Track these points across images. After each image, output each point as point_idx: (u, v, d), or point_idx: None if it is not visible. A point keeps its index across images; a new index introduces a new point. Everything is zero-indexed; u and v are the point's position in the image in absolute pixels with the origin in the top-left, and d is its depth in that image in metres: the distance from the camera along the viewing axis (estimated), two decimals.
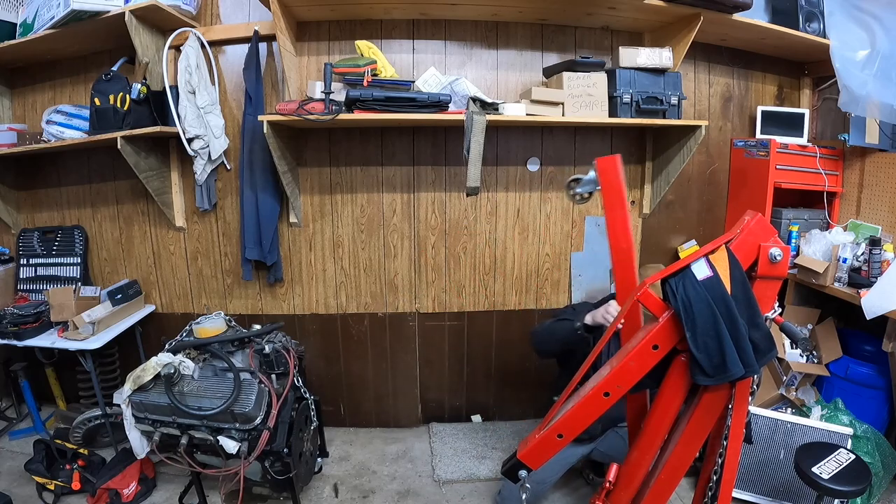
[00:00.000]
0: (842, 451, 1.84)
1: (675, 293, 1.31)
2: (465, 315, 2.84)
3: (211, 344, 2.06)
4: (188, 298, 2.80)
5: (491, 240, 2.78)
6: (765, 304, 1.36)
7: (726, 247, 1.35)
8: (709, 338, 1.28)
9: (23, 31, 2.40)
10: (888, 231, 2.44)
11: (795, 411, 2.37)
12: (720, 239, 1.38)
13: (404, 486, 2.44)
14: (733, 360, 1.27)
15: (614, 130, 2.74)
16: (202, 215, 2.69)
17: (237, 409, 1.94)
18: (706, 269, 1.32)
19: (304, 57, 2.53)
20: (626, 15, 2.45)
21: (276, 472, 2.05)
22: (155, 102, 2.36)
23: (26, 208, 2.80)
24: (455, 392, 2.93)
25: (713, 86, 2.83)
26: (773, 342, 1.33)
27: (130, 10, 2.18)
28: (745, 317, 1.30)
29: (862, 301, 2.14)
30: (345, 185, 2.67)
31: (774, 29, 2.45)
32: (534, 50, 2.63)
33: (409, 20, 2.53)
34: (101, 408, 2.44)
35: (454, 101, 2.32)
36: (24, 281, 2.71)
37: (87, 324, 2.34)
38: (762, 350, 1.30)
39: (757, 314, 1.33)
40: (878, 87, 2.34)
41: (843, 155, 2.70)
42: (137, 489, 2.27)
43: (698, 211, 2.91)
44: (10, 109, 2.70)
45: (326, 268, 2.75)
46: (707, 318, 1.28)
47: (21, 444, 2.66)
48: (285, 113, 2.15)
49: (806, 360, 2.52)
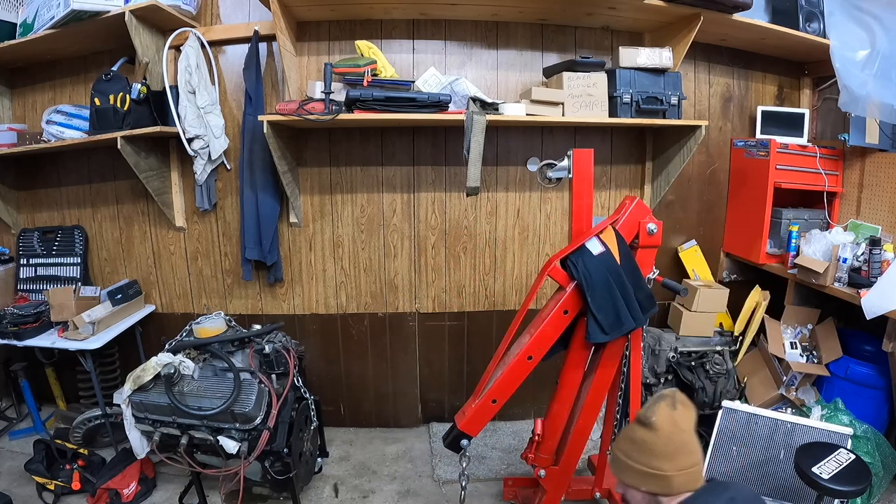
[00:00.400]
0: (842, 451, 1.84)
1: (577, 267, 1.59)
2: (465, 315, 2.84)
3: (211, 344, 2.06)
4: (188, 298, 2.80)
5: (491, 240, 2.78)
6: (646, 268, 1.72)
7: (613, 227, 1.66)
8: (605, 301, 1.57)
9: (23, 31, 2.40)
10: (888, 231, 2.44)
11: (795, 411, 2.37)
12: (607, 221, 1.70)
13: (404, 486, 2.44)
14: (626, 317, 1.59)
15: (614, 130, 2.74)
16: (202, 215, 2.69)
17: (237, 409, 1.94)
18: (599, 246, 1.61)
19: (304, 57, 2.53)
20: (626, 15, 2.45)
21: (276, 472, 2.05)
22: (155, 102, 2.36)
23: (26, 208, 2.80)
24: (455, 392, 2.93)
25: (713, 86, 2.83)
26: (654, 300, 1.72)
27: (130, 10, 2.18)
28: (631, 281, 1.61)
29: (862, 301, 2.14)
30: (345, 185, 2.67)
31: (774, 29, 2.45)
32: (534, 50, 2.63)
33: (409, 20, 2.53)
34: (101, 408, 2.44)
35: (454, 101, 2.32)
36: (24, 281, 2.71)
37: (87, 324, 2.34)
38: (646, 307, 1.66)
39: (640, 278, 1.67)
40: (878, 87, 2.34)
41: (843, 155, 2.70)
42: (137, 489, 2.27)
43: (698, 211, 2.91)
44: (10, 109, 2.70)
45: (326, 268, 2.75)
46: (603, 285, 1.58)
47: (21, 444, 2.66)
48: (285, 113, 2.15)
49: (806, 359, 2.52)
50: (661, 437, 1.14)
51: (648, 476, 1.15)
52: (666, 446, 1.14)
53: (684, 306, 2.63)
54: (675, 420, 1.14)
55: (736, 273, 2.94)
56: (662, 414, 1.15)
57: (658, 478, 1.14)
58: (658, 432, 1.14)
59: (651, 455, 1.15)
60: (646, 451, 1.16)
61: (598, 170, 2.73)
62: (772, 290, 2.67)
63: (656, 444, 1.14)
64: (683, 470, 1.13)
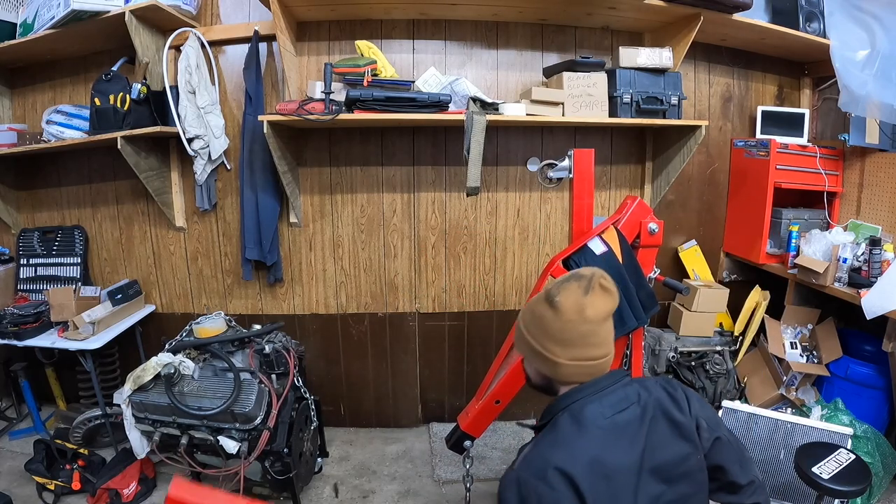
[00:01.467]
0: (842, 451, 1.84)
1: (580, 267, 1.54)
2: (465, 315, 2.84)
3: (211, 344, 2.07)
4: (188, 298, 2.80)
5: (491, 240, 2.78)
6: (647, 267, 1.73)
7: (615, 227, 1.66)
8: None
9: (23, 31, 2.40)
10: (888, 231, 2.44)
11: (795, 411, 2.37)
12: (609, 220, 1.70)
13: (404, 486, 2.44)
14: (628, 316, 1.58)
15: (614, 130, 2.74)
16: (202, 215, 2.69)
17: (237, 409, 1.94)
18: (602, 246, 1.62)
19: (304, 57, 2.53)
20: (626, 15, 2.45)
21: (276, 472, 2.05)
22: (155, 102, 2.36)
23: (26, 208, 2.80)
24: (455, 392, 2.93)
25: (713, 86, 2.83)
26: (656, 298, 1.72)
27: (130, 10, 2.18)
28: (633, 281, 1.61)
29: (862, 301, 2.14)
30: (345, 185, 2.67)
31: (774, 29, 2.45)
32: (534, 50, 2.63)
33: (409, 20, 2.53)
34: (101, 408, 2.44)
35: (454, 101, 2.32)
36: (24, 281, 2.71)
37: (87, 324, 2.34)
38: (648, 306, 1.66)
39: (642, 277, 1.66)
40: (878, 87, 2.34)
41: (843, 155, 2.70)
42: (137, 489, 2.27)
43: (698, 211, 2.91)
44: (10, 109, 2.70)
45: (326, 268, 2.75)
46: None
47: (21, 444, 2.66)
48: (285, 113, 2.15)
49: (806, 359, 2.52)
50: (559, 319, 1.01)
51: (539, 355, 1.05)
52: (562, 331, 1.02)
53: (684, 306, 2.63)
54: (582, 307, 1.00)
55: (736, 273, 2.94)
56: (570, 295, 1.01)
57: (547, 361, 1.04)
58: (558, 313, 1.01)
59: (545, 334, 1.04)
60: (541, 327, 1.04)
61: (598, 170, 2.72)
62: (772, 290, 2.67)
63: (552, 326, 1.02)
64: (576, 361, 1.02)
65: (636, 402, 1.03)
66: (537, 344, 1.05)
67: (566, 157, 1.79)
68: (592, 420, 0.99)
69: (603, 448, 0.97)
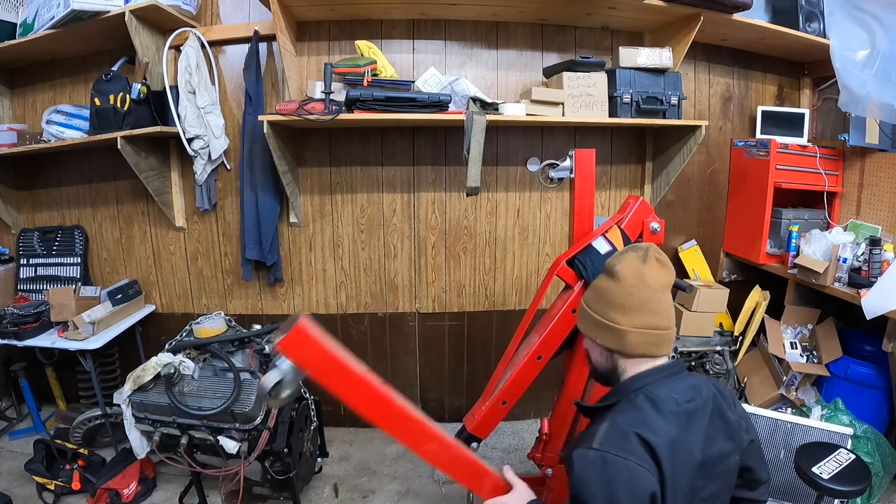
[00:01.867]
0: (842, 451, 1.84)
1: (585, 266, 1.58)
2: (465, 315, 2.84)
3: (211, 344, 2.06)
4: (188, 298, 2.80)
5: (491, 240, 2.78)
6: None
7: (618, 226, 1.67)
8: None
9: (23, 31, 2.40)
10: (888, 231, 2.44)
11: (795, 411, 2.37)
12: (612, 220, 1.70)
13: (404, 486, 2.44)
14: None
15: (614, 130, 2.74)
16: (202, 215, 2.69)
17: (237, 409, 1.94)
18: (606, 245, 1.62)
19: (304, 57, 2.53)
20: (626, 15, 2.45)
21: (276, 472, 2.05)
22: (155, 102, 2.36)
23: (26, 208, 2.80)
24: (455, 392, 2.93)
25: (713, 86, 2.83)
26: None
27: (130, 10, 2.18)
28: None
29: (862, 301, 2.13)
30: (345, 185, 2.67)
31: (774, 29, 2.45)
32: (534, 50, 2.63)
33: (409, 20, 2.53)
34: (101, 408, 2.44)
35: (454, 101, 2.32)
36: (24, 281, 2.71)
37: (87, 324, 2.34)
38: None
39: None
40: (878, 87, 2.33)
41: (843, 155, 2.70)
42: (137, 489, 2.27)
43: (698, 211, 2.91)
44: (10, 109, 2.70)
45: (326, 268, 2.75)
46: None
47: (21, 444, 2.66)
48: (285, 113, 2.15)
49: (806, 359, 2.52)
50: (621, 287, 1.05)
51: (603, 327, 1.07)
52: (624, 298, 1.04)
53: (684, 306, 2.63)
54: (641, 273, 1.04)
55: (736, 273, 2.94)
56: (629, 264, 1.06)
57: (612, 330, 1.06)
58: (619, 282, 1.05)
59: (608, 304, 1.07)
60: (604, 299, 1.08)
61: (598, 170, 2.71)
62: (772, 290, 2.67)
63: (615, 294, 1.06)
64: (639, 329, 1.04)
65: (700, 393, 1.04)
66: (602, 317, 1.07)
67: (567, 157, 1.79)
68: (667, 403, 1.00)
69: (679, 431, 0.98)
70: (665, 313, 1.06)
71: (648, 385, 1.03)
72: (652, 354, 1.06)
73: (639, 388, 1.04)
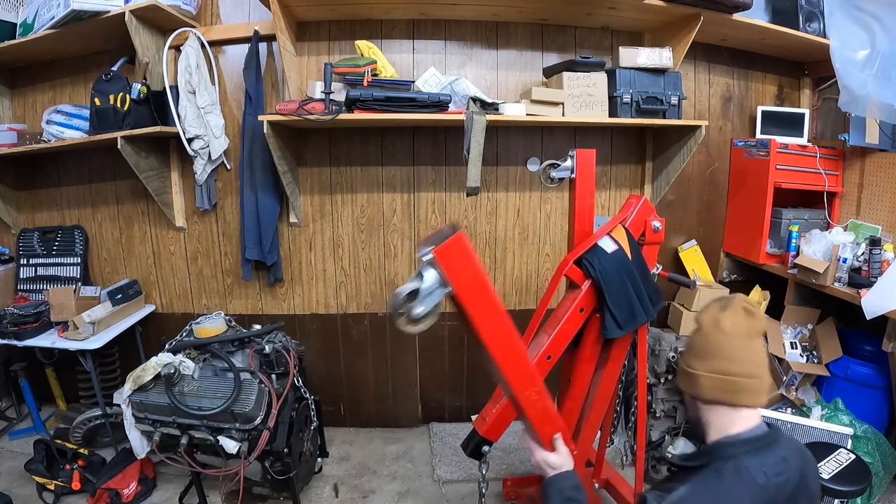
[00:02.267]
0: (842, 451, 1.84)
1: (593, 266, 1.59)
2: None
3: (211, 344, 2.06)
4: (188, 298, 2.79)
5: (491, 240, 2.77)
6: (650, 263, 1.76)
7: (622, 225, 1.69)
8: (620, 297, 1.59)
9: (23, 31, 2.40)
10: (888, 231, 2.44)
11: (795, 411, 2.37)
12: (615, 219, 1.72)
13: (404, 486, 2.44)
14: (639, 311, 1.62)
15: (614, 130, 2.74)
16: (202, 215, 2.69)
17: (237, 409, 1.94)
18: (612, 244, 1.63)
19: (304, 57, 2.53)
20: (626, 15, 2.45)
21: (276, 472, 2.05)
22: (155, 102, 2.36)
23: (26, 208, 2.80)
24: (455, 392, 2.93)
25: (713, 86, 2.83)
26: (661, 294, 1.75)
27: (130, 10, 2.18)
28: (640, 277, 1.64)
29: (862, 301, 2.13)
30: (345, 185, 2.67)
31: (774, 29, 2.45)
32: (534, 50, 2.63)
33: (409, 20, 2.53)
34: (101, 408, 2.44)
35: (454, 101, 2.32)
36: (24, 281, 2.71)
37: (87, 324, 2.34)
38: (655, 300, 1.69)
39: (648, 273, 1.70)
40: (878, 87, 2.33)
41: (843, 155, 2.70)
42: (137, 489, 2.27)
43: (698, 211, 2.91)
44: (10, 109, 2.70)
45: (326, 268, 2.75)
46: (619, 281, 1.59)
47: (21, 444, 2.66)
48: (285, 113, 2.15)
49: (806, 359, 2.52)
50: (699, 334, 1.11)
51: (684, 374, 1.13)
52: (701, 345, 1.10)
53: (684, 306, 2.63)
54: (717, 320, 1.07)
55: (736, 273, 2.94)
56: (709, 312, 1.11)
57: (690, 376, 1.10)
58: (698, 330, 1.11)
59: (689, 352, 1.13)
60: (687, 348, 1.15)
61: (599, 170, 2.70)
62: (772, 290, 2.66)
63: (694, 342, 1.12)
64: (713, 375, 1.06)
65: (789, 466, 1.03)
66: (685, 365, 1.13)
67: (568, 157, 1.80)
68: (754, 475, 0.99)
69: None
70: (744, 360, 1.06)
71: (741, 455, 1.02)
72: (728, 402, 1.06)
73: (730, 457, 1.03)
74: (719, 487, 0.99)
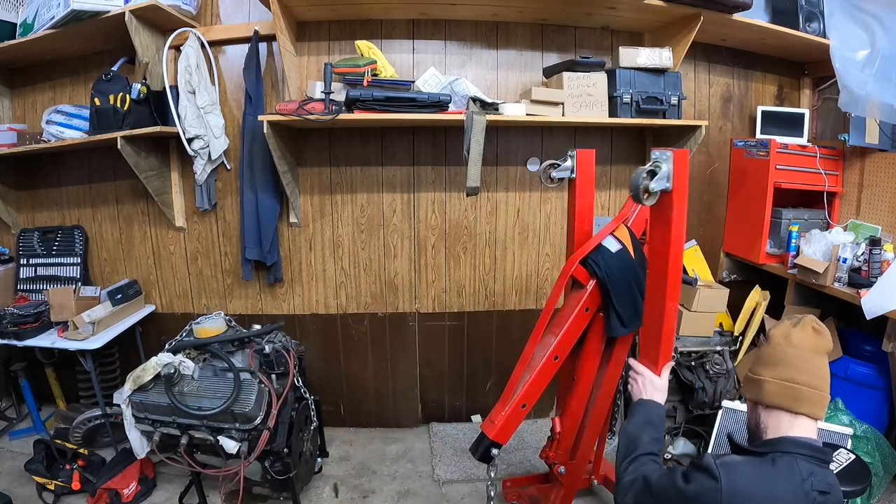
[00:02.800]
0: (842, 451, 1.84)
1: (598, 265, 1.60)
2: (465, 315, 2.84)
3: (211, 344, 2.06)
4: (188, 298, 2.80)
5: (491, 240, 2.78)
6: None
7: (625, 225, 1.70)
8: (626, 296, 1.61)
9: (23, 31, 2.40)
10: (888, 231, 2.44)
11: None
12: (617, 219, 1.72)
13: (404, 486, 2.44)
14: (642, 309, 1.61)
15: (614, 130, 2.74)
16: (202, 215, 2.69)
17: (237, 409, 1.94)
18: (616, 244, 1.64)
19: (304, 57, 2.53)
20: (626, 15, 2.45)
21: (276, 472, 2.05)
22: (155, 102, 2.36)
23: (26, 208, 2.80)
24: (455, 392, 2.93)
25: (713, 86, 2.83)
26: None
27: (130, 10, 2.18)
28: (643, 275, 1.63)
29: (862, 301, 2.14)
30: (345, 185, 2.67)
31: (774, 29, 2.45)
32: (534, 50, 2.63)
33: (409, 20, 2.53)
34: (101, 408, 2.44)
35: (454, 101, 2.32)
36: (24, 281, 2.71)
37: (87, 324, 2.34)
38: None
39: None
40: (878, 87, 2.34)
41: (843, 155, 2.70)
42: (137, 489, 2.27)
43: (698, 211, 2.91)
44: (10, 109, 2.70)
45: (326, 268, 2.75)
46: (624, 280, 1.61)
47: (21, 444, 2.66)
48: (285, 113, 2.15)
49: None
50: (768, 345, 1.18)
51: (749, 381, 1.20)
52: (769, 354, 1.17)
53: (684, 306, 2.63)
54: (788, 333, 1.16)
55: (736, 273, 2.94)
56: (780, 328, 1.19)
57: (755, 382, 1.17)
58: (768, 341, 1.19)
59: (757, 361, 1.19)
60: (755, 358, 1.21)
61: (598, 170, 2.71)
62: (772, 290, 2.66)
63: (763, 352, 1.19)
64: (778, 381, 1.13)
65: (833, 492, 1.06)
66: (751, 373, 1.20)
67: (568, 157, 1.80)
68: (803, 479, 1.03)
69: None
70: (808, 371, 1.12)
71: (797, 455, 1.07)
72: (788, 408, 1.12)
73: (787, 453, 1.07)
74: (770, 473, 1.05)
